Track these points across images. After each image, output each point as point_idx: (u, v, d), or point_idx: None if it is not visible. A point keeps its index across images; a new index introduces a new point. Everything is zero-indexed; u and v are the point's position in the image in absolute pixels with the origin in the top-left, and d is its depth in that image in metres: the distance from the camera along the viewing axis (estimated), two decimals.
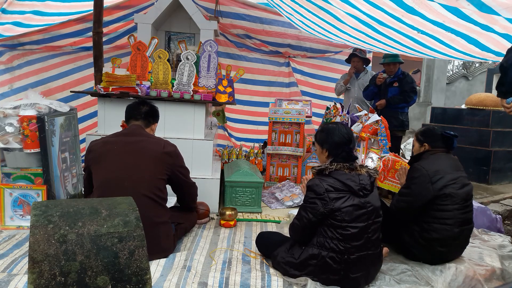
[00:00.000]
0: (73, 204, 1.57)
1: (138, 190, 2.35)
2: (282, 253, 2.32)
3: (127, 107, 2.74)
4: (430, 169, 2.55)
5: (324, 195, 2.14)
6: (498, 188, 5.92)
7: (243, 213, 3.41)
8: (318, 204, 2.14)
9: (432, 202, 2.52)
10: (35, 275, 1.33)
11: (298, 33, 5.58)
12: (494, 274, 2.55)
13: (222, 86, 3.72)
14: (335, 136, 2.32)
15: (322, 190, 2.15)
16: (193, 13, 4.10)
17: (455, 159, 2.73)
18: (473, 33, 3.25)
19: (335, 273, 2.14)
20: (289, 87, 6.19)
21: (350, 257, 2.12)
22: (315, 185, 2.18)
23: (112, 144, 2.52)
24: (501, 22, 2.73)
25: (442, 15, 2.95)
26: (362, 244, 2.16)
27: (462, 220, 2.52)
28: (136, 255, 1.45)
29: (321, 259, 2.14)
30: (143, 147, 2.50)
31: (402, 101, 4.82)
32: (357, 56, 5.27)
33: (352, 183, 2.18)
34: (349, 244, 2.12)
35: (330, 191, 2.15)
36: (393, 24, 3.61)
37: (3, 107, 2.98)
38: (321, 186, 2.16)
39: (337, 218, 2.13)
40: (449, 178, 2.53)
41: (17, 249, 2.56)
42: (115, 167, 2.43)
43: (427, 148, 2.76)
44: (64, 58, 4.94)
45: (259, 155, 4.60)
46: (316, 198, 2.16)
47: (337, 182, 2.17)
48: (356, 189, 2.17)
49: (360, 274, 2.18)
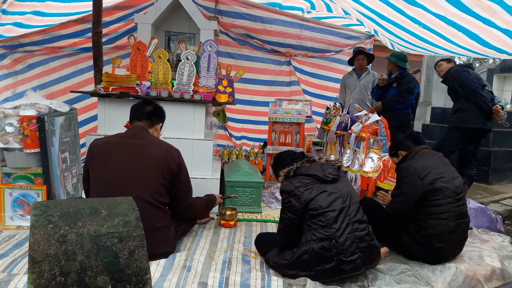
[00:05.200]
0: (73, 204, 1.57)
1: (138, 196, 2.27)
2: (273, 257, 2.38)
3: (132, 107, 2.69)
4: (417, 166, 2.60)
5: (295, 190, 2.29)
6: (498, 188, 5.92)
7: (243, 213, 3.41)
8: (293, 201, 2.28)
9: (424, 199, 2.54)
10: (35, 275, 1.33)
11: (299, 32, 5.58)
12: (494, 274, 2.55)
13: (222, 86, 3.72)
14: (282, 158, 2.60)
15: (291, 187, 2.31)
16: (193, 13, 4.10)
17: (439, 155, 2.79)
18: (474, 28, 3.24)
19: (328, 260, 2.18)
20: (289, 86, 6.19)
21: (338, 240, 2.18)
22: (284, 186, 2.36)
23: (114, 146, 2.47)
24: (503, 16, 2.72)
25: (443, 7, 2.95)
26: (346, 226, 2.23)
27: (456, 214, 2.54)
28: (136, 255, 1.45)
29: (312, 252, 2.20)
30: (145, 151, 2.44)
31: (397, 102, 4.79)
32: (363, 52, 5.14)
33: (316, 172, 2.37)
34: (333, 228, 2.20)
35: (299, 186, 2.30)
36: (394, 17, 3.60)
37: (3, 107, 2.99)
38: (290, 185, 2.33)
39: (314, 208, 2.24)
40: (436, 172, 2.57)
41: (17, 249, 2.56)
42: (116, 172, 2.38)
43: (405, 153, 2.83)
44: (65, 61, 4.96)
45: (259, 155, 4.60)
46: (289, 197, 2.30)
47: (303, 177, 2.36)
48: (321, 175, 2.35)
49: (356, 256, 2.21)
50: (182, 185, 2.60)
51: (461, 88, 4.34)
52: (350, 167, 4.00)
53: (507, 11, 2.63)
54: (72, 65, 4.99)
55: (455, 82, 4.38)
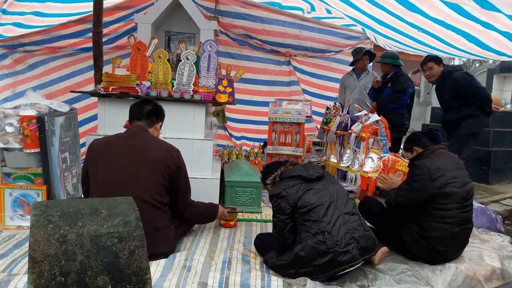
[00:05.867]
0: (73, 204, 1.56)
1: (138, 196, 2.28)
2: (271, 259, 2.40)
3: (130, 106, 2.67)
4: (431, 166, 2.55)
5: (282, 192, 2.35)
6: (498, 188, 5.93)
7: (243, 213, 3.41)
8: (282, 203, 2.33)
9: (432, 201, 2.52)
10: (35, 275, 1.33)
11: (298, 32, 5.58)
12: (494, 274, 2.55)
13: (222, 86, 3.72)
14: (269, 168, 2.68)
15: (278, 190, 2.38)
16: (193, 13, 4.10)
17: (455, 157, 2.74)
18: (474, 31, 3.25)
19: (324, 254, 2.19)
20: (289, 86, 6.19)
21: (331, 232, 2.22)
22: (272, 191, 2.43)
23: (113, 146, 2.46)
24: (502, 20, 2.74)
25: (443, 12, 2.95)
26: (337, 218, 2.27)
27: (462, 220, 2.52)
28: (136, 255, 1.45)
29: (308, 247, 2.22)
30: (145, 151, 2.44)
31: (391, 102, 4.78)
32: (370, 53, 5.13)
33: (300, 172, 2.44)
34: (324, 221, 2.24)
35: (286, 187, 2.37)
36: (394, 23, 3.62)
37: (3, 107, 2.99)
38: (276, 188, 2.41)
39: (302, 205, 2.29)
40: (449, 176, 2.53)
41: (17, 249, 2.56)
42: (115, 172, 2.38)
43: (421, 150, 2.78)
44: (65, 61, 4.96)
45: (259, 155, 4.60)
46: (278, 199, 2.36)
47: (288, 179, 2.43)
48: (305, 174, 2.42)
49: (351, 246, 2.21)
50: (181, 185, 2.60)
51: (474, 97, 4.23)
52: (350, 167, 4.00)
53: (507, 16, 2.64)
54: (72, 65, 4.99)
55: (467, 92, 4.22)
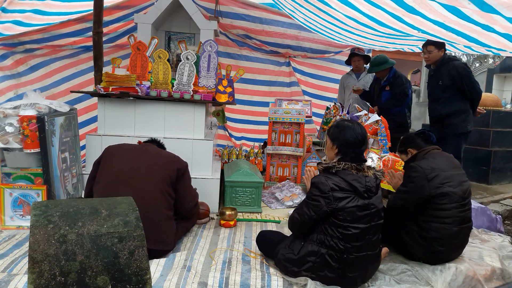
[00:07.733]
0: (73, 204, 1.57)
1: (151, 181, 2.48)
2: (282, 249, 2.32)
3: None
4: (426, 167, 2.57)
5: (329, 194, 2.10)
6: (498, 188, 5.93)
7: (243, 213, 3.41)
8: (322, 203, 2.11)
9: (430, 201, 2.53)
10: (35, 275, 1.33)
11: (297, 33, 5.58)
12: (494, 274, 2.55)
13: (222, 86, 3.72)
14: (348, 135, 2.24)
15: (327, 188, 2.11)
16: (193, 13, 4.10)
17: (450, 157, 2.76)
18: (473, 33, 3.25)
19: (332, 271, 2.14)
20: (290, 86, 6.19)
21: (349, 256, 2.12)
22: (320, 183, 2.14)
23: (128, 146, 2.73)
24: (502, 22, 2.74)
25: (443, 15, 2.96)
26: (362, 245, 2.15)
27: (460, 219, 2.53)
28: (136, 255, 1.45)
29: (320, 256, 2.14)
30: (157, 154, 2.68)
31: (395, 105, 4.77)
32: (357, 55, 5.23)
33: (358, 184, 2.14)
34: (349, 244, 2.12)
35: (335, 190, 2.11)
36: (394, 24, 3.62)
37: (3, 107, 2.98)
38: (326, 184, 2.11)
39: (339, 218, 2.10)
40: (445, 176, 2.55)
41: (17, 249, 2.56)
42: (128, 163, 2.56)
43: (415, 152, 2.79)
44: (66, 62, 4.98)
45: (259, 155, 4.60)
46: (320, 196, 2.12)
47: (343, 181, 2.14)
48: (361, 190, 2.14)
49: (358, 273, 2.19)
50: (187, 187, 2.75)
51: (469, 90, 3.98)
52: None
53: (505, 19, 2.65)
54: (73, 66, 5.01)
55: (464, 82, 3.96)
